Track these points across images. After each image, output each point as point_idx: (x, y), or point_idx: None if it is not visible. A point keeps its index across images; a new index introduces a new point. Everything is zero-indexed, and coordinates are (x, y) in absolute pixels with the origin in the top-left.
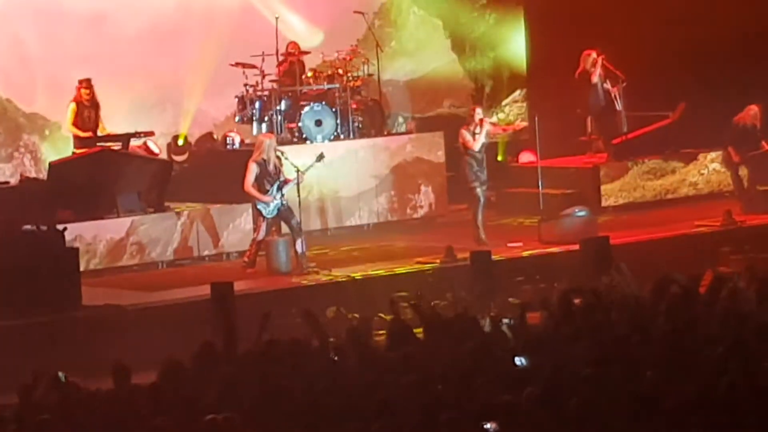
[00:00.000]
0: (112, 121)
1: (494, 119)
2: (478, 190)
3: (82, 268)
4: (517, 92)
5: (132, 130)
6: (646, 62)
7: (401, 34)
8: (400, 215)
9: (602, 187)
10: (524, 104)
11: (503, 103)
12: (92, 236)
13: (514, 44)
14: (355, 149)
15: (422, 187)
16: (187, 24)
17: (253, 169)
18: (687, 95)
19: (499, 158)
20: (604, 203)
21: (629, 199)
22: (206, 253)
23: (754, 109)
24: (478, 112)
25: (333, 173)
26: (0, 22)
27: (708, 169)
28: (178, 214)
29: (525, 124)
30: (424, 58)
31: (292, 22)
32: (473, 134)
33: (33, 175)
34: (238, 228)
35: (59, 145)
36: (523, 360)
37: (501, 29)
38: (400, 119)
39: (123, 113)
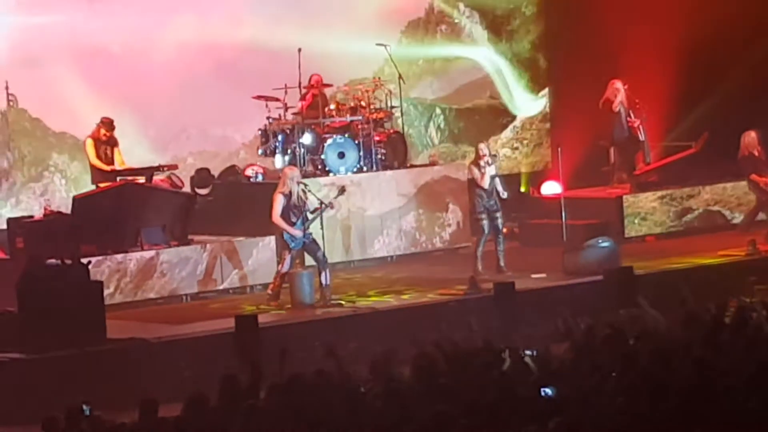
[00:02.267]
0: (136, 152)
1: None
2: (485, 222)
3: (110, 292)
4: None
5: (156, 162)
6: (669, 92)
7: (428, 52)
8: (429, 234)
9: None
10: None
11: (540, 93)
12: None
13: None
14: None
15: (450, 206)
16: (210, 57)
17: (279, 201)
18: (710, 125)
19: (522, 189)
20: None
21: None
22: (230, 285)
23: (752, 134)
24: (482, 148)
25: (361, 192)
26: (31, 51)
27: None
28: (202, 247)
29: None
30: (451, 77)
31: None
32: (480, 170)
33: (63, 194)
34: (262, 260)
35: (88, 165)
36: (549, 391)
37: (538, 18)
38: (438, 110)
39: (147, 144)
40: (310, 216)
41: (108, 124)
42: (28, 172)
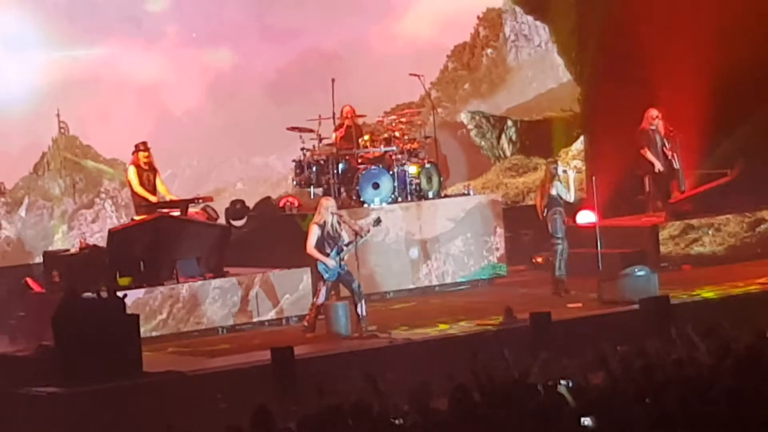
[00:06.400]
0: (177, 182)
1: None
2: (562, 245)
3: (162, 318)
4: None
5: (195, 193)
6: (704, 120)
7: (474, 76)
8: (477, 258)
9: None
10: None
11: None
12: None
13: None
14: None
15: (497, 229)
16: (244, 87)
17: (314, 231)
18: (746, 153)
19: None
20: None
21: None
22: (266, 317)
23: None
24: (560, 166)
25: (409, 216)
26: (81, 80)
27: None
28: (238, 279)
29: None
30: (498, 100)
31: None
32: (566, 186)
33: (114, 221)
34: (297, 292)
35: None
36: (589, 420)
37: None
38: (509, 122)
39: (190, 172)
40: (344, 248)
41: (144, 148)
42: (80, 198)
